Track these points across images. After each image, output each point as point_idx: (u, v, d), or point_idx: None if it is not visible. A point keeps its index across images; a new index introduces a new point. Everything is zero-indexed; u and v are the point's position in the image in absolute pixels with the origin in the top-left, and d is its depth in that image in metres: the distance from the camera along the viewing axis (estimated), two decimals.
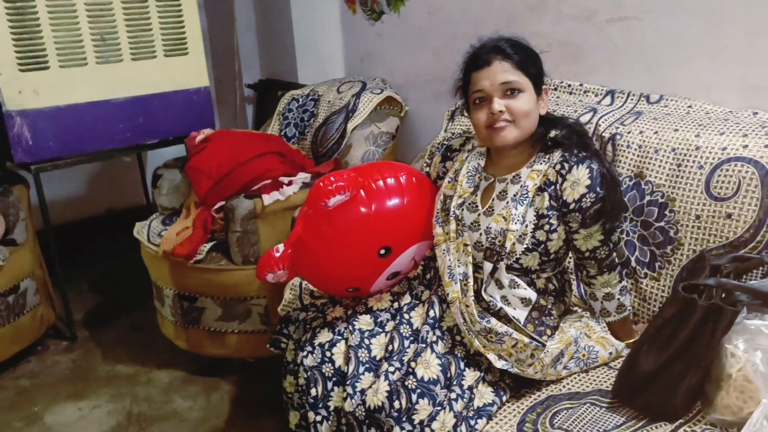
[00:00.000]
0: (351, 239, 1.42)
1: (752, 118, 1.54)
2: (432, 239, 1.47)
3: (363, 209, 1.41)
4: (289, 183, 2.10)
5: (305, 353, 1.40)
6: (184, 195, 2.39)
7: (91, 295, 2.92)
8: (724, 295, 1.17)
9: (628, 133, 1.64)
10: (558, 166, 1.34)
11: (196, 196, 2.26)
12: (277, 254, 1.43)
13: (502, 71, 1.32)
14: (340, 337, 1.41)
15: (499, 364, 1.29)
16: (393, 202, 1.44)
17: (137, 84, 2.45)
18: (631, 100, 1.80)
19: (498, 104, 1.32)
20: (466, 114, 1.47)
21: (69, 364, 2.39)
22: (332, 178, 1.35)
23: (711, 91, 1.68)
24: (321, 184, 1.35)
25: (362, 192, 1.41)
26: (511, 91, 1.32)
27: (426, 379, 1.26)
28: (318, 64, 3.02)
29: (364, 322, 1.43)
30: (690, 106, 1.68)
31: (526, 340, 1.29)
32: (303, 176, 2.16)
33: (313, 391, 1.36)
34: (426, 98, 2.56)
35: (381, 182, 1.44)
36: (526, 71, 1.33)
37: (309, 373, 1.38)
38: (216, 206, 2.13)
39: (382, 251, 1.43)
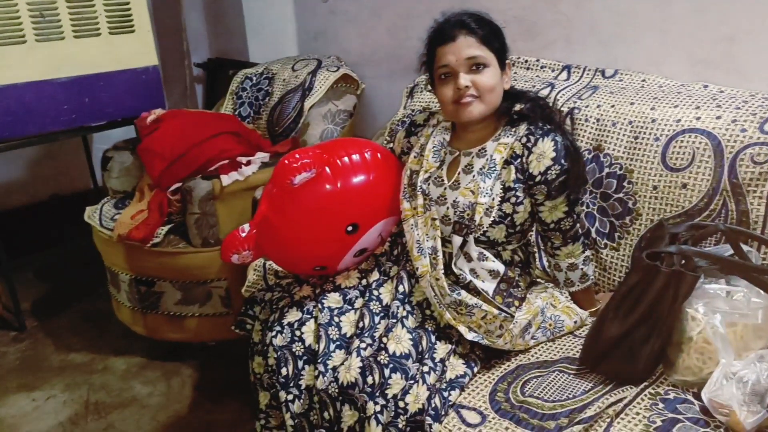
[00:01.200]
0: (317, 217, 1.40)
1: (703, 91, 1.59)
2: (398, 215, 1.47)
3: (329, 186, 1.40)
4: (248, 163, 2.06)
5: (274, 333, 1.39)
6: (135, 177, 2.32)
7: (39, 283, 2.81)
8: (684, 261, 1.21)
9: (586, 107, 1.67)
10: (524, 139, 1.36)
11: (149, 178, 2.20)
12: (243, 234, 1.40)
13: (467, 46, 1.32)
14: (309, 316, 1.40)
15: (470, 336, 1.31)
16: (359, 178, 1.43)
17: (81, 63, 2.34)
18: (587, 74, 1.84)
19: (464, 79, 1.32)
20: (430, 89, 1.47)
21: (18, 355, 2.30)
22: (297, 156, 1.33)
23: (662, 66, 1.73)
24: (286, 161, 1.33)
25: (327, 169, 1.40)
26: (476, 66, 1.33)
27: (398, 353, 1.27)
28: (269, 42, 2.96)
29: (333, 300, 1.42)
30: (644, 80, 1.72)
31: (495, 311, 1.31)
32: (262, 156, 2.12)
33: (283, 371, 1.35)
34: (382, 76, 2.54)
35: (346, 159, 1.42)
36: (491, 46, 1.34)
37: (279, 353, 1.36)
38: (171, 188, 2.08)
39: (349, 228, 1.42)
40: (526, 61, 1.98)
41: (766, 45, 1.54)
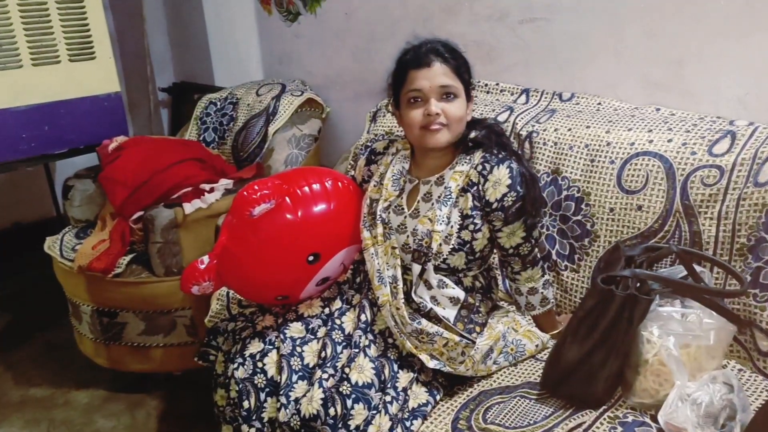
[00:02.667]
0: (278, 247, 1.40)
1: (655, 114, 1.63)
2: (360, 243, 1.47)
3: (289, 216, 1.40)
4: (211, 190, 2.05)
5: (236, 365, 1.37)
6: (98, 206, 2.29)
7: (1, 313, 2.73)
8: (638, 284, 1.23)
9: (544, 130, 1.70)
10: (479, 167, 1.38)
11: (111, 207, 2.17)
12: (202, 266, 1.39)
13: (443, 74, 1.34)
14: (271, 347, 1.39)
15: (432, 363, 1.31)
16: (319, 207, 1.43)
17: (40, 91, 2.31)
18: (545, 98, 1.87)
19: (435, 106, 1.34)
20: (390, 110, 1.48)
21: None
22: (256, 187, 1.32)
23: (617, 89, 1.77)
24: (245, 193, 1.32)
25: (288, 199, 1.40)
26: (447, 95, 1.35)
27: (360, 383, 1.27)
28: (234, 66, 2.96)
29: (295, 329, 1.42)
30: (600, 103, 1.75)
31: (457, 338, 1.32)
32: (225, 182, 2.11)
33: (245, 404, 1.34)
34: (347, 99, 2.56)
35: (306, 188, 1.42)
36: (461, 77, 1.37)
37: (241, 386, 1.35)
38: (134, 217, 2.05)
39: (311, 258, 1.41)
40: (486, 85, 2.01)
41: (712, 68, 1.58)
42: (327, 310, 1.47)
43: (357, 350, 1.33)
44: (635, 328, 1.19)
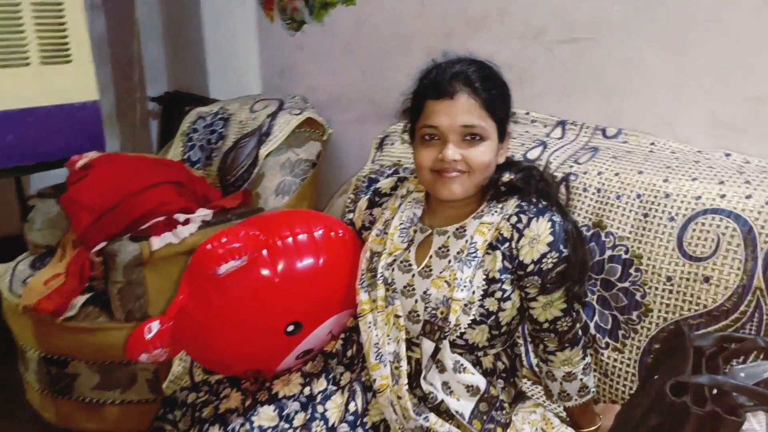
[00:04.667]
0: (249, 312, 1.11)
1: (726, 161, 1.33)
2: (354, 307, 1.17)
3: (265, 272, 1.11)
4: (186, 221, 1.76)
5: None
6: (61, 231, 2.01)
7: None
8: (715, 392, 0.93)
9: (584, 173, 1.41)
10: (514, 219, 1.08)
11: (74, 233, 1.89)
12: (150, 335, 1.09)
13: (467, 110, 1.05)
14: None
15: None
16: (305, 263, 1.14)
17: (5, 96, 2.06)
18: (585, 133, 1.58)
19: (453, 152, 1.05)
20: (407, 140, 1.18)
21: None
22: (224, 239, 1.04)
23: (675, 127, 1.48)
24: (209, 246, 1.04)
25: (265, 251, 1.10)
26: (471, 136, 1.05)
27: None
28: (232, 76, 2.72)
29: (266, 416, 1.12)
30: (653, 143, 1.46)
31: None
32: (203, 213, 1.82)
33: None
34: (352, 120, 2.28)
35: (290, 239, 1.13)
36: (494, 114, 1.07)
37: None
38: (96, 248, 1.76)
39: (290, 328, 1.12)
40: (514, 114, 1.70)
41: None
42: (308, 390, 1.17)
43: None
44: None
